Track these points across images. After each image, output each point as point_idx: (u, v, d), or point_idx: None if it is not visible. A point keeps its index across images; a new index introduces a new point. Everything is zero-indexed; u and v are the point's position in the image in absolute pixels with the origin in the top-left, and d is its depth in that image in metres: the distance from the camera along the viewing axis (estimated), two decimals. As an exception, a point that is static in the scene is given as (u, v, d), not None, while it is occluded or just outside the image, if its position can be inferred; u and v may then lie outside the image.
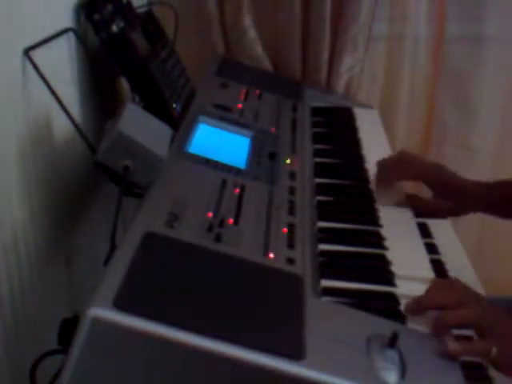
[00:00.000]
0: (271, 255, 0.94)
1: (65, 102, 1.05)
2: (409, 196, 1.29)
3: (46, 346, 0.90)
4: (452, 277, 1.13)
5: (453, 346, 0.86)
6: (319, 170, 1.30)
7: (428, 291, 0.94)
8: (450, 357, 0.86)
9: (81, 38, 1.18)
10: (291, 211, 1.08)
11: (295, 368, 0.74)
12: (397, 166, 1.27)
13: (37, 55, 0.97)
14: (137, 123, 1.06)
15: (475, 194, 1.27)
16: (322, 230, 1.09)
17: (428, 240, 1.30)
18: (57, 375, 0.78)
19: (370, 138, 1.47)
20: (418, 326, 0.91)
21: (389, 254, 1.06)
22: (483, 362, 0.99)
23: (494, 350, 0.87)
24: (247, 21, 1.73)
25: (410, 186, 1.38)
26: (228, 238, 0.93)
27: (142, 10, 1.46)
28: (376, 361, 0.79)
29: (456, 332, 0.91)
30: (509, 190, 1.27)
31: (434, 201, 1.31)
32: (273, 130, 1.37)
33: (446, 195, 1.29)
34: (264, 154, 1.24)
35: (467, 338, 0.93)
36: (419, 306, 0.92)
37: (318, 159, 1.35)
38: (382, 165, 1.28)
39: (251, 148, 1.25)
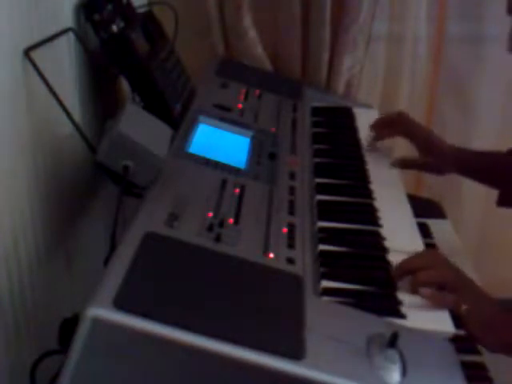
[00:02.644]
0: (271, 255, 0.94)
1: (65, 102, 1.05)
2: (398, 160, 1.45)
3: (46, 345, 0.90)
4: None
5: (425, 290, 0.96)
6: (319, 170, 1.30)
7: (408, 257, 1.02)
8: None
9: (81, 38, 1.18)
10: (291, 211, 1.08)
11: (295, 368, 0.74)
12: (390, 124, 1.47)
13: (37, 55, 0.97)
14: (137, 123, 1.06)
15: (452, 156, 1.43)
16: (322, 229, 1.09)
17: (428, 240, 1.30)
18: (57, 375, 0.78)
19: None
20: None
21: (389, 254, 1.06)
22: (483, 361, 1.00)
23: (464, 306, 0.95)
24: (247, 21, 1.72)
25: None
26: (228, 237, 0.93)
27: (141, 10, 1.46)
28: (376, 361, 0.79)
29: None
30: (492, 159, 1.42)
31: (420, 158, 1.47)
32: (273, 129, 1.37)
33: (426, 152, 1.45)
34: (264, 154, 1.24)
35: (465, 338, 0.94)
36: (400, 269, 1.00)
37: (317, 159, 1.35)
38: (379, 120, 1.48)
39: (251, 148, 1.25)
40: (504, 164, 1.39)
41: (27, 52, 0.95)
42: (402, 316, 0.92)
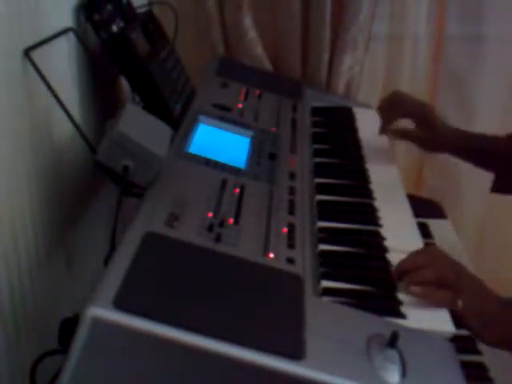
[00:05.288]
0: (271, 255, 0.94)
1: (65, 102, 1.05)
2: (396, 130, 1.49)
3: (46, 345, 0.90)
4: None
5: (415, 288, 0.96)
6: (319, 170, 1.30)
7: (406, 257, 1.02)
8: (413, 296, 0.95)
9: (81, 38, 1.18)
10: (291, 211, 1.08)
11: (295, 368, 0.74)
12: (389, 109, 1.45)
13: (37, 55, 0.97)
14: (137, 123, 1.06)
15: (448, 134, 1.43)
16: (322, 229, 1.09)
17: (428, 240, 1.30)
18: (57, 375, 0.78)
19: (370, 137, 1.47)
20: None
21: (389, 255, 1.06)
22: (483, 361, 1.00)
23: (460, 303, 0.94)
24: (247, 21, 1.73)
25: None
26: (228, 237, 0.93)
27: (141, 10, 1.46)
28: (376, 361, 0.79)
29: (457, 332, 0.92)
30: (489, 142, 1.42)
31: (414, 130, 1.47)
32: (273, 129, 1.37)
33: (424, 127, 1.44)
34: (264, 154, 1.24)
35: (465, 338, 0.94)
36: (398, 270, 1.00)
37: (317, 159, 1.35)
38: (379, 109, 1.46)
39: (251, 148, 1.25)
40: (502, 148, 1.38)
41: (27, 52, 0.95)
42: (402, 316, 0.92)
